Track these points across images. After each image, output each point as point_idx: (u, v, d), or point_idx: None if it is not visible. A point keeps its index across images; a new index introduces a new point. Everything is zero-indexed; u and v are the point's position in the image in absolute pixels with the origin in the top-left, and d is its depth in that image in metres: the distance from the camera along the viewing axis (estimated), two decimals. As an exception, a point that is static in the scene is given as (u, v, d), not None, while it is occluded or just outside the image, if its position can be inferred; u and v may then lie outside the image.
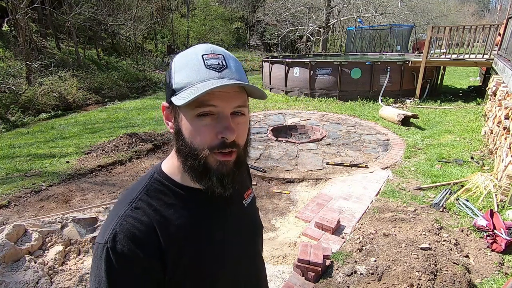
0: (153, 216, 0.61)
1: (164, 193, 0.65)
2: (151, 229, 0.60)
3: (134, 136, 5.51)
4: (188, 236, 0.64)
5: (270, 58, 10.86)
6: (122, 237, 0.58)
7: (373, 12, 19.22)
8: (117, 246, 0.57)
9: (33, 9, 11.31)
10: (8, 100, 8.14)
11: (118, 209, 0.62)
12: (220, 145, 0.60)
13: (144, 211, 0.61)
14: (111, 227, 0.59)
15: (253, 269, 0.81)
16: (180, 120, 0.61)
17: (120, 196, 0.67)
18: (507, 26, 6.69)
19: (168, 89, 0.62)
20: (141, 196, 0.63)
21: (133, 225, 0.59)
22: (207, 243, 0.67)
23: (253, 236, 0.82)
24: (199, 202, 0.67)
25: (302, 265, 2.29)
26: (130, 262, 0.57)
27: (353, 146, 5.17)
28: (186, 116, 0.60)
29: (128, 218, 0.60)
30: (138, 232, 0.59)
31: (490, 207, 3.10)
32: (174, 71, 0.61)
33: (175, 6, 23.13)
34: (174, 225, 0.63)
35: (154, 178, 0.67)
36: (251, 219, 0.82)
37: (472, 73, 14.08)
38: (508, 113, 3.94)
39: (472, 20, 36.54)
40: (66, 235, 2.56)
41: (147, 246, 0.59)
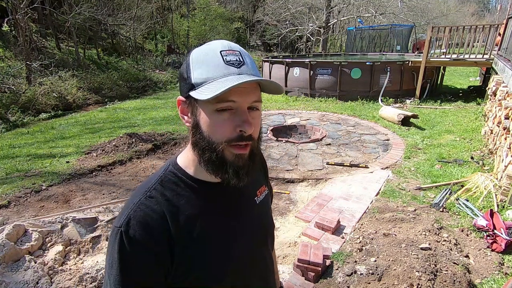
0: (165, 205, 0.64)
1: (177, 185, 0.68)
2: (163, 218, 0.63)
3: (134, 136, 5.51)
4: (197, 227, 0.66)
5: (270, 58, 10.86)
6: (135, 223, 0.61)
7: (373, 12, 19.22)
8: (130, 231, 0.61)
9: (33, 9, 11.31)
10: (8, 100, 8.14)
11: (134, 197, 0.66)
12: (237, 138, 0.62)
13: (157, 200, 0.65)
14: (126, 213, 0.63)
15: (262, 264, 0.82)
16: (199, 114, 0.63)
17: (138, 186, 0.71)
18: (507, 26, 6.69)
19: (185, 83, 0.64)
20: (156, 186, 0.67)
21: (146, 213, 0.63)
22: (215, 235, 0.69)
23: (263, 233, 0.82)
24: (211, 196, 0.70)
25: (302, 265, 2.29)
26: (140, 246, 0.61)
27: (353, 146, 5.17)
28: (205, 110, 0.62)
29: (141, 205, 0.63)
30: (150, 220, 0.62)
31: (490, 207, 3.10)
32: (193, 66, 0.62)
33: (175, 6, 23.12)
34: (184, 215, 0.65)
35: (169, 170, 0.70)
36: (262, 216, 0.82)
37: (472, 73, 14.08)
38: (508, 113, 3.94)
39: (472, 20, 36.53)
40: (66, 235, 2.56)
41: (158, 233, 0.62)
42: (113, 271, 0.61)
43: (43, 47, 12.45)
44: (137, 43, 18.34)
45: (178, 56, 19.07)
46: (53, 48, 13.13)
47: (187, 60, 0.65)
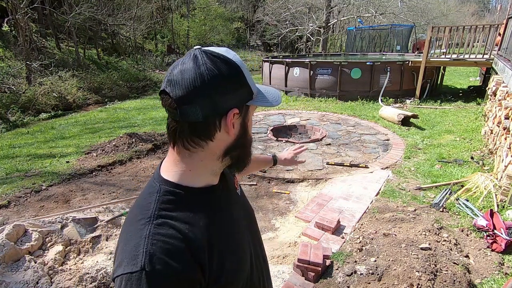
0: (178, 227, 0.60)
1: (177, 202, 0.63)
2: (183, 240, 0.58)
3: (134, 136, 5.51)
4: (212, 234, 0.64)
5: (270, 58, 10.86)
6: (158, 256, 0.54)
7: (373, 12, 19.22)
8: (157, 267, 0.53)
9: (33, 9, 11.31)
10: (8, 100, 8.14)
11: (139, 231, 0.58)
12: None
13: (169, 224, 0.59)
14: (141, 250, 0.54)
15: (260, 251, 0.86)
16: (248, 120, 0.68)
17: (130, 217, 0.64)
18: (507, 26, 6.69)
19: (241, 93, 0.63)
20: (158, 212, 0.60)
21: (165, 242, 0.56)
22: (231, 234, 0.70)
23: (253, 219, 0.88)
24: (212, 200, 0.69)
25: (302, 265, 2.29)
26: (175, 279, 0.55)
27: (353, 146, 5.17)
28: (251, 115, 0.69)
29: (156, 236, 0.56)
30: (172, 247, 0.56)
31: (490, 207, 3.10)
32: (246, 75, 0.63)
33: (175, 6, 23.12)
34: (198, 227, 0.62)
35: (163, 190, 0.63)
36: (247, 205, 0.87)
37: (472, 73, 14.08)
38: (508, 113, 3.94)
39: (472, 20, 36.53)
40: (66, 235, 2.56)
41: (185, 258, 0.57)
42: None
43: (43, 47, 12.46)
44: (137, 43, 18.35)
45: (178, 56, 19.07)
46: (53, 48, 13.13)
47: (233, 68, 0.60)
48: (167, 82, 0.59)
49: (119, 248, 0.59)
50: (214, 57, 0.59)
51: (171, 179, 0.65)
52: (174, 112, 0.59)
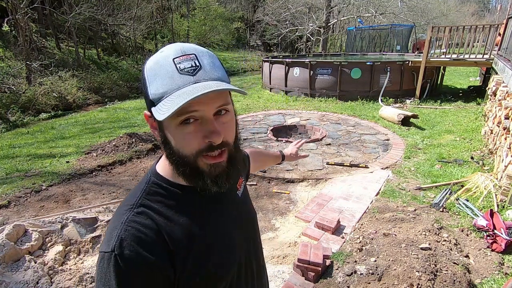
0: (156, 219, 0.61)
1: (163, 195, 0.65)
2: (157, 232, 0.60)
3: (134, 136, 5.51)
4: (192, 233, 0.64)
5: (270, 58, 10.86)
6: (129, 242, 0.57)
7: (373, 12, 19.22)
8: (125, 252, 0.56)
9: (33, 9, 11.32)
10: (8, 100, 8.15)
11: (120, 216, 0.61)
12: (208, 148, 0.59)
13: (147, 214, 0.61)
14: (115, 234, 0.58)
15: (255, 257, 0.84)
16: (165, 129, 0.60)
17: (121, 203, 0.66)
18: (507, 26, 6.69)
19: (146, 99, 0.60)
20: (141, 200, 0.63)
21: (138, 230, 0.59)
22: (211, 236, 0.68)
23: (251, 223, 0.85)
24: (197, 200, 0.68)
25: (302, 265, 2.29)
26: (140, 266, 0.57)
27: (353, 146, 5.17)
28: (169, 125, 0.59)
29: (131, 223, 0.59)
30: (144, 236, 0.58)
31: (490, 207, 3.10)
32: (148, 81, 0.58)
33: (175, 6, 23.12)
34: (178, 224, 0.63)
35: (152, 181, 0.66)
36: (246, 208, 0.84)
37: (472, 73, 14.08)
38: (508, 113, 3.94)
39: (472, 20, 36.52)
40: (66, 235, 2.56)
41: (155, 249, 0.59)
42: None
43: (43, 47, 12.46)
44: (137, 43, 18.34)
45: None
46: (53, 48, 13.13)
47: (142, 73, 0.60)
48: None
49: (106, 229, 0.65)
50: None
51: (161, 172, 0.67)
52: None
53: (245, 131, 6.04)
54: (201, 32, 21.57)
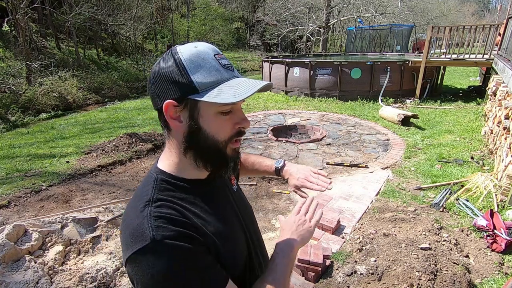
0: (177, 208, 0.63)
1: (173, 191, 0.67)
2: (182, 216, 0.62)
3: (134, 136, 5.51)
4: (208, 223, 0.67)
5: (270, 58, 10.86)
6: (165, 226, 0.57)
7: (373, 12, 19.22)
8: (166, 234, 0.56)
9: (33, 9, 11.31)
10: (8, 100, 8.14)
11: (140, 213, 0.60)
12: (237, 134, 0.68)
13: (167, 206, 0.62)
14: (146, 226, 0.57)
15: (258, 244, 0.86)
16: (200, 117, 0.64)
17: (130, 204, 0.66)
18: (507, 26, 6.69)
19: (180, 86, 0.62)
20: (156, 196, 0.64)
21: (166, 217, 0.59)
22: (223, 225, 0.70)
23: (250, 214, 0.89)
24: (206, 192, 0.72)
25: (302, 265, 2.29)
26: (187, 240, 0.58)
27: (353, 146, 5.17)
28: (208, 113, 0.63)
29: (157, 213, 0.59)
30: (174, 219, 0.59)
31: (490, 207, 3.10)
32: (190, 69, 0.62)
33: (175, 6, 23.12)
34: (196, 213, 0.66)
35: (159, 179, 0.68)
36: (244, 201, 0.89)
37: (472, 73, 14.09)
38: (508, 113, 3.94)
39: (472, 20, 36.53)
40: (66, 235, 2.56)
41: (187, 227, 0.60)
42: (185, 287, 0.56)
43: (43, 47, 12.45)
44: (137, 43, 18.34)
45: (178, 56, 19.03)
46: (53, 48, 13.13)
47: (176, 62, 0.63)
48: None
49: (122, 235, 0.61)
50: (169, 53, 0.65)
51: (166, 169, 0.70)
52: None
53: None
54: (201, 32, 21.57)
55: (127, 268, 0.58)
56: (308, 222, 0.83)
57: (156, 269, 0.54)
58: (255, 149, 5.08)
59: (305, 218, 0.84)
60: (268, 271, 0.72)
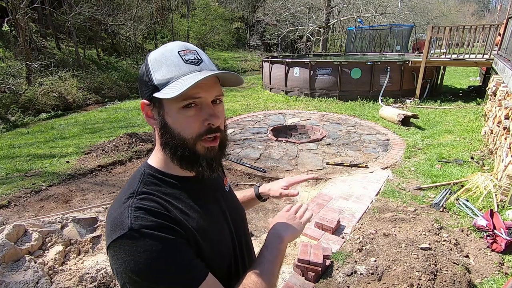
0: (160, 201, 0.63)
1: (159, 185, 0.67)
2: (164, 209, 0.62)
3: (134, 136, 5.51)
4: (191, 219, 0.67)
5: (270, 58, 10.85)
6: (143, 217, 0.58)
7: (373, 12, 19.21)
8: (144, 224, 0.57)
9: (33, 9, 11.31)
10: (8, 100, 8.14)
11: (122, 204, 0.61)
12: (207, 131, 0.65)
13: (150, 199, 0.63)
14: (126, 216, 0.58)
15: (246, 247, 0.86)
16: (165, 114, 0.65)
17: (117, 197, 0.67)
18: (507, 26, 6.69)
19: (147, 86, 0.65)
20: (141, 189, 0.65)
21: (147, 209, 0.60)
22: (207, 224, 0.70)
23: (241, 215, 0.88)
24: (192, 189, 0.71)
25: (302, 265, 2.29)
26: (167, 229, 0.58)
27: (353, 146, 5.17)
28: (171, 109, 0.64)
29: (138, 204, 0.60)
30: (154, 209, 0.60)
31: (490, 207, 3.10)
32: (152, 69, 0.64)
33: (175, 6, 23.11)
34: (178, 209, 0.65)
35: (147, 173, 0.68)
36: (235, 203, 0.88)
37: (472, 73, 14.08)
38: (508, 113, 3.94)
39: (472, 20, 36.53)
40: (66, 235, 2.56)
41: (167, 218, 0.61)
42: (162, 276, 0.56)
43: (43, 47, 12.45)
44: (137, 43, 18.34)
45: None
46: (53, 48, 13.13)
47: (145, 64, 0.66)
48: None
49: (106, 225, 0.62)
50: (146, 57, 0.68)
51: (154, 164, 0.71)
52: None
53: (245, 131, 6.05)
54: (201, 32, 21.55)
55: (108, 257, 0.59)
56: (298, 218, 0.85)
57: (133, 257, 0.55)
58: (255, 149, 5.08)
59: (295, 215, 0.86)
60: (256, 264, 0.72)
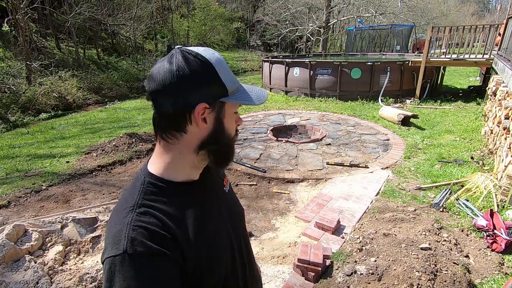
0: (159, 217, 0.63)
1: (161, 194, 0.67)
2: (163, 228, 0.62)
3: (134, 136, 5.51)
4: (196, 226, 0.67)
5: (270, 58, 10.85)
6: (139, 240, 0.58)
7: (373, 12, 19.21)
8: (138, 249, 0.57)
9: (33, 9, 11.31)
10: (8, 100, 8.14)
11: (122, 218, 0.62)
12: (236, 131, 0.75)
13: (150, 213, 0.63)
14: (123, 235, 0.58)
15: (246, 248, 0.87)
16: (224, 117, 0.68)
17: (116, 207, 0.67)
18: (507, 26, 6.69)
19: (214, 90, 0.65)
20: (141, 201, 0.64)
21: (145, 228, 0.60)
22: (213, 227, 0.72)
23: (239, 216, 0.89)
24: (194, 194, 0.72)
25: (302, 265, 2.29)
26: (155, 259, 0.58)
27: (353, 146, 5.17)
28: (229, 113, 0.69)
29: (137, 222, 0.60)
30: (152, 233, 0.60)
31: (490, 207, 3.10)
32: (220, 73, 0.65)
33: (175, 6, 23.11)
34: (179, 218, 0.66)
35: (147, 182, 0.67)
36: (235, 203, 0.89)
37: (472, 73, 14.08)
38: (508, 113, 3.94)
39: (472, 20, 36.53)
40: (66, 235, 2.56)
41: (165, 243, 0.61)
42: None
43: (43, 47, 12.45)
44: (137, 43, 18.34)
45: (178, 56, 19.01)
46: (53, 48, 13.13)
47: (205, 65, 0.63)
48: (147, 78, 0.65)
49: (106, 236, 0.63)
50: (188, 55, 0.63)
51: (155, 172, 0.69)
52: (153, 104, 0.65)
53: (245, 131, 6.04)
54: (201, 32, 21.56)
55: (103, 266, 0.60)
56: None
57: (117, 280, 0.57)
58: (255, 149, 5.08)
59: None
60: None
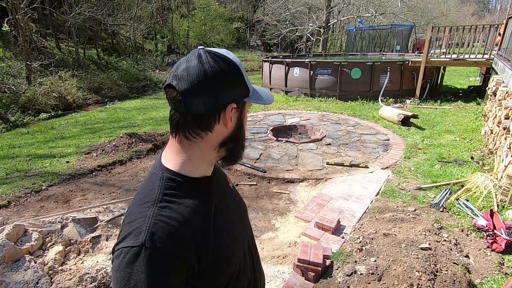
0: (180, 211, 0.64)
1: (180, 189, 0.68)
2: (183, 224, 0.63)
3: (134, 136, 5.51)
4: (210, 221, 0.69)
5: (270, 58, 10.85)
6: (159, 235, 0.59)
7: (373, 12, 19.21)
8: (157, 245, 0.58)
9: (33, 9, 11.31)
10: (8, 100, 8.13)
11: (144, 211, 0.62)
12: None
13: (171, 208, 0.64)
14: (145, 228, 0.59)
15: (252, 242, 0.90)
16: (244, 115, 0.72)
17: (135, 201, 0.68)
18: (507, 26, 6.69)
19: (242, 90, 0.68)
20: (162, 196, 0.65)
21: (167, 223, 0.61)
22: (223, 224, 0.73)
23: (245, 212, 0.92)
24: (209, 189, 0.74)
25: (302, 265, 2.29)
26: (171, 258, 0.59)
27: (353, 146, 5.17)
28: (245, 111, 0.73)
29: (159, 217, 0.61)
30: (173, 229, 0.61)
31: (490, 207, 3.10)
32: (244, 75, 0.68)
33: (175, 6, 23.11)
34: (198, 213, 0.67)
35: (166, 177, 0.68)
36: (240, 200, 0.91)
37: (472, 73, 14.08)
38: (508, 113, 3.94)
39: (472, 20, 36.54)
40: (66, 235, 2.56)
41: (184, 241, 0.62)
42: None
43: (43, 47, 12.45)
44: (137, 43, 18.34)
45: (178, 56, 19.06)
46: (53, 48, 13.12)
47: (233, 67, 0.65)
48: (173, 77, 0.64)
49: (124, 227, 0.63)
50: (216, 56, 0.64)
51: (172, 167, 0.69)
52: (178, 105, 0.64)
53: (245, 131, 6.04)
54: (201, 32, 21.55)
55: (113, 254, 0.60)
56: None
57: (128, 270, 0.57)
58: (255, 149, 5.08)
59: None
60: None
